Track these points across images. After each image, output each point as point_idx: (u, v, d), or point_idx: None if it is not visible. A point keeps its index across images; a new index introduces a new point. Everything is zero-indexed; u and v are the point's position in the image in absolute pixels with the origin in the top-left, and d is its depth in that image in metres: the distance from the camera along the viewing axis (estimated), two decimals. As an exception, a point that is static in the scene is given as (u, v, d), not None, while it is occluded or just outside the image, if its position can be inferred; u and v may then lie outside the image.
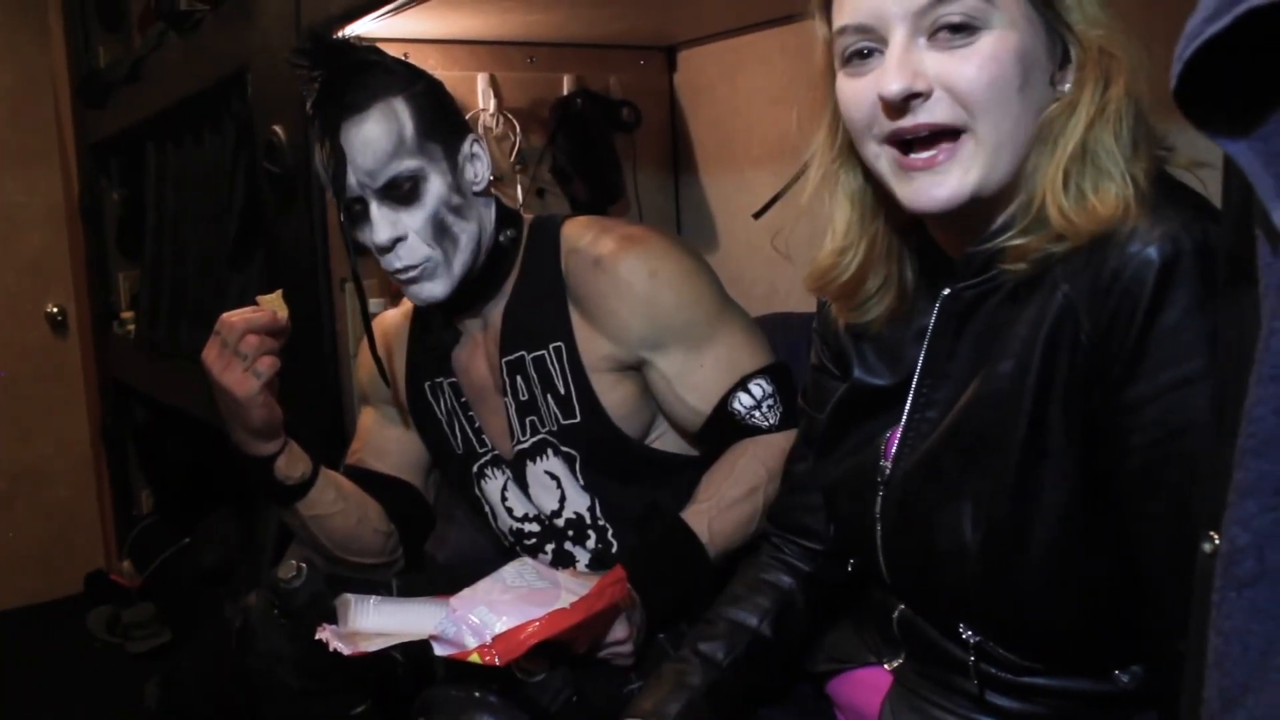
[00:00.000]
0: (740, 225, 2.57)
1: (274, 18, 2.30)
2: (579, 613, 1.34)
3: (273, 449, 1.62)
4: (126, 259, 3.99)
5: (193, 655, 3.02)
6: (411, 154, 1.54)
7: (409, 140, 1.54)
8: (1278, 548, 0.58)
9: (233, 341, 1.53)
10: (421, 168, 1.55)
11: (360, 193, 1.55)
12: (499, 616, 1.35)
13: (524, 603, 1.38)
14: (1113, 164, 0.95)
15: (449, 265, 1.59)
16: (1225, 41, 0.54)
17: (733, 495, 1.56)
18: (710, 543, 1.53)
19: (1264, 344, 0.57)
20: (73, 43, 4.02)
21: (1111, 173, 0.94)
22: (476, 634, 1.34)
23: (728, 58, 2.55)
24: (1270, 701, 0.59)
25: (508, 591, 1.41)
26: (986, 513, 1.01)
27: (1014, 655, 1.06)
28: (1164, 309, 0.88)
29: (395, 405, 1.81)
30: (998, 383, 1.00)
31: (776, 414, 1.59)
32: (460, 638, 1.35)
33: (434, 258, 1.57)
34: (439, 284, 1.59)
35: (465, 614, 1.36)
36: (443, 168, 1.58)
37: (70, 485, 4.36)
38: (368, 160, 1.53)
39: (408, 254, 1.56)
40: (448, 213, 1.57)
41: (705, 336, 1.60)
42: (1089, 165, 0.96)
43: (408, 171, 1.54)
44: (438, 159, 1.57)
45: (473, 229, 1.61)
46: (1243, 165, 0.57)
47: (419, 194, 1.56)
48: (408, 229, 1.55)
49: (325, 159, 1.55)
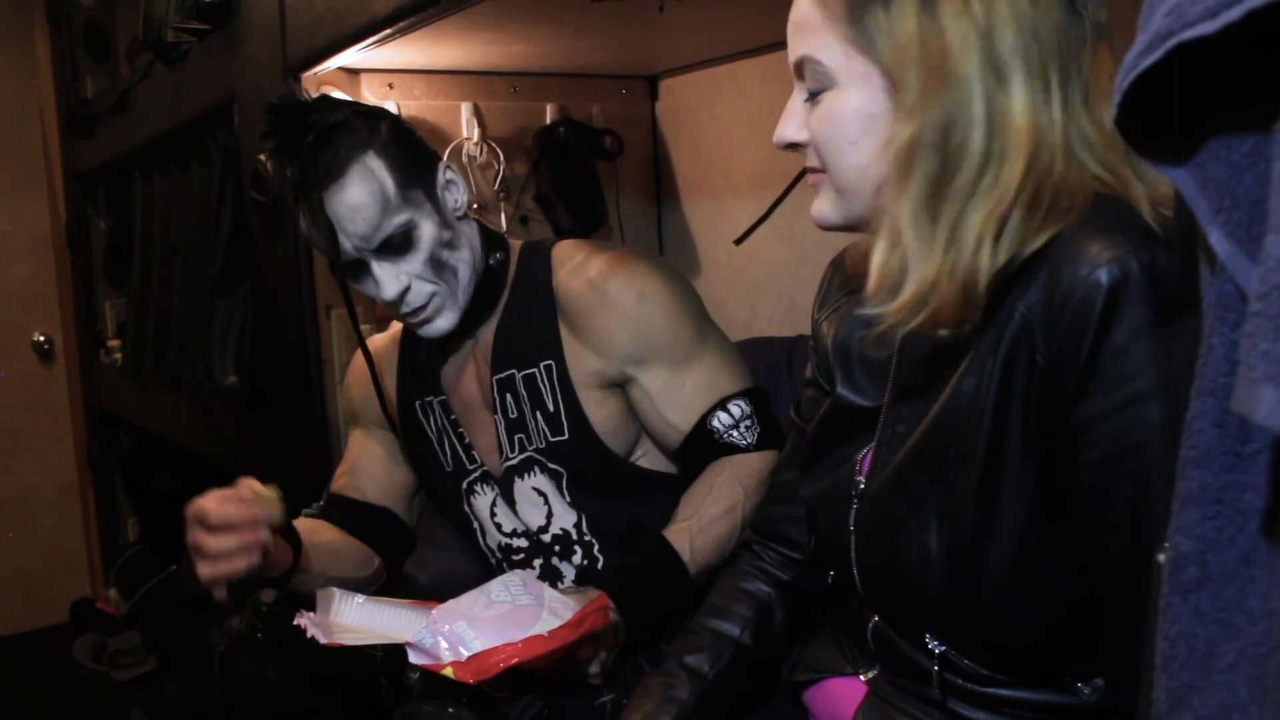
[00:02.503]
0: (721, 251, 2.61)
1: (260, 49, 2.33)
2: (554, 641, 1.35)
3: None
4: (113, 288, 4.00)
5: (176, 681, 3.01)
6: (398, 209, 1.58)
7: (392, 197, 1.57)
8: (1219, 554, 0.60)
9: (204, 545, 1.42)
10: (410, 219, 1.59)
11: (357, 255, 1.59)
12: (477, 634, 1.36)
13: (504, 622, 1.39)
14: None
15: (454, 296, 1.64)
16: (1162, 73, 0.56)
17: (712, 513, 1.58)
18: (691, 560, 1.55)
19: (1203, 359, 0.60)
20: (60, 73, 4.05)
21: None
22: (453, 649, 1.35)
23: (708, 87, 2.59)
24: (1214, 702, 0.61)
25: (490, 608, 1.42)
26: (950, 526, 1.03)
27: (978, 666, 1.08)
28: (1112, 330, 0.90)
29: (386, 427, 1.83)
30: (960, 399, 1.02)
31: (754, 434, 1.63)
32: (436, 649, 1.36)
33: (440, 291, 1.62)
34: (447, 318, 1.65)
35: (444, 626, 1.38)
36: (428, 210, 1.61)
37: (56, 513, 4.35)
38: (358, 226, 1.56)
39: (415, 297, 1.61)
40: (442, 249, 1.62)
41: (688, 357, 1.64)
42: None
43: (399, 227, 1.58)
44: (421, 203, 1.61)
45: (466, 255, 1.65)
46: (1181, 190, 0.60)
47: (413, 241, 1.60)
48: (410, 276, 1.60)
49: (312, 229, 1.59)
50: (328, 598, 1.48)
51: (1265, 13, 0.49)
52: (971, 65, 0.95)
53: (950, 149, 0.96)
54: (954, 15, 0.96)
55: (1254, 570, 0.60)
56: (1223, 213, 0.57)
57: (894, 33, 0.98)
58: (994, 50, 0.95)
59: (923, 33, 0.97)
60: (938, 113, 0.96)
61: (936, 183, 0.96)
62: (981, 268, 0.95)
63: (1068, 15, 0.97)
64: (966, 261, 0.95)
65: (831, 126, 1.05)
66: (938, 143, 0.96)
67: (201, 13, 2.55)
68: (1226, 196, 0.57)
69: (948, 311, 0.98)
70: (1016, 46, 0.95)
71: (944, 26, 0.96)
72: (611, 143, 2.61)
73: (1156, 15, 0.55)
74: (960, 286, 0.96)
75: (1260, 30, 0.50)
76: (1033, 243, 0.95)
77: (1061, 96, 0.96)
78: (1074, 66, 0.97)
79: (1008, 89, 0.95)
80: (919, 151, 0.97)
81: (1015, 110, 0.95)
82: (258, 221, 2.40)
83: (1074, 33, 0.97)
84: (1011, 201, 0.94)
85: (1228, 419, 0.59)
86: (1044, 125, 0.95)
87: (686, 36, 2.27)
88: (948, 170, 0.96)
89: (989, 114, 0.95)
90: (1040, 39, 0.95)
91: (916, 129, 0.97)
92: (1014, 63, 0.95)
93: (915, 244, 0.98)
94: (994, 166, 0.95)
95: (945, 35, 0.96)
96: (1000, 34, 0.95)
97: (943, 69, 0.96)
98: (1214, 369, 0.59)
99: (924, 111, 0.96)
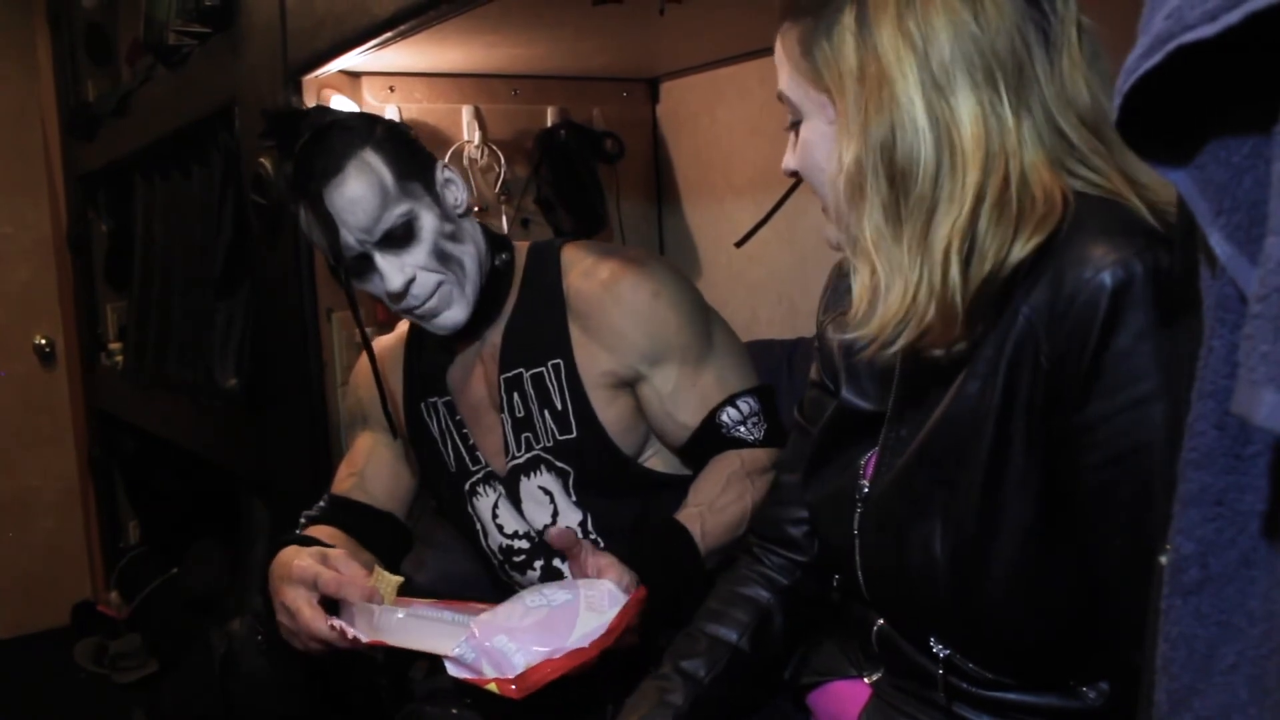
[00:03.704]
0: (722, 253, 2.61)
1: (261, 52, 2.33)
2: (595, 650, 1.34)
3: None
4: (114, 290, 4.00)
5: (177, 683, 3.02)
6: (398, 199, 1.58)
7: (391, 188, 1.58)
8: (1220, 556, 0.60)
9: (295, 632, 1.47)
10: (410, 209, 1.59)
11: (361, 249, 1.59)
12: (518, 646, 1.33)
13: (543, 630, 1.36)
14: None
15: (462, 287, 1.64)
16: (1163, 75, 0.57)
17: (722, 500, 1.58)
18: (702, 540, 1.55)
19: (1203, 361, 0.60)
20: (61, 76, 4.05)
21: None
22: (495, 665, 1.32)
23: (709, 89, 2.59)
24: (1215, 703, 0.61)
25: (528, 615, 1.39)
26: (953, 529, 1.04)
27: (982, 669, 1.08)
28: (1116, 333, 0.91)
29: (393, 429, 1.83)
30: (964, 402, 1.02)
31: (761, 430, 1.64)
32: (478, 664, 1.34)
33: (446, 280, 1.62)
34: (458, 309, 1.64)
35: (485, 642, 1.35)
36: (427, 201, 1.62)
37: (58, 516, 4.36)
38: (359, 218, 1.56)
39: (421, 289, 1.61)
40: (445, 241, 1.62)
41: (699, 357, 1.66)
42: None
43: (400, 217, 1.58)
44: (421, 195, 1.62)
45: (471, 249, 1.66)
46: (1182, 192, 0.60)
47: (415, 233, 1.60)
48: (414, 267, 1.60)
49: (314, 227, 1.59)
50: (367, 611, 1.45)
51: (1265, 15, 0.49)
52: (910, 82, 0.96)
53: (898, 166, 0.97)
54: (889, 35, 0.97)
55: (1254, 572, 0.60)
56: (1223, 215, 0.57)
57: (834, 61, 1.01)
58: (933, 64, 0.96)
59: (860, 57, 0.99)
60: (881, 132, 0.97)
61: (891, 202, 0.98)
62: (954, 282, 0.96)
63: (1024, 15, 0.97)
64: (939, 277, 0.96)
65: (806, 156, 1.10)
66: (884, 161, 0.98)
67: (203, 16, 2.55)
68: (1226, 198, 0.57)
69: (934, 331, 0.99)
70: (957, 57, 0.96)
71: (879, 48, 0.98)
72: (612, 145, 2.61)
73: (1156, 18, 0.55)
74: (939, 302, 0.97)
75: (1260, 32, 0.50)
76: (1018, 251, 0.96)
77: (1015, 100, 0.97)
78: (1035, 67, 0.97)
79: (952, 100, 0.96)
80: (867, 172, 0.99)
81: (963, 120, 0.95)
82: (258, 224, 2.41)
83: (1034, 33, 0.98)
84: (972, 211, 0.95)
85: (1228, 421, 0.59)
86: (996, 131, 0.96)
87: (687, 39, 2.27)
88: (900, 188, 0.98)
89: (934, 127, 0.96)
90: (985, 46, 0.96)
91: (860, 150, 0.99)
92: (956, 73, 0.96)
93: (885, 265, 0.99)
94: (947, 178, 0.96)
95: (881, 56, 0.98)
96: (938, 47, 0.96)
97: (881, 89, 0.98)
98: (1214, 371, 0.59)
99: (866, 133, 0.98)
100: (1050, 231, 0.95)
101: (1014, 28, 0.97)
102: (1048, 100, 0.98)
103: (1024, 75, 0.97)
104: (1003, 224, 0.95)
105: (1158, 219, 0.94)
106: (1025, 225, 0.95)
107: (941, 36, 0.96)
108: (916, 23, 0.97)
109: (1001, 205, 0.95)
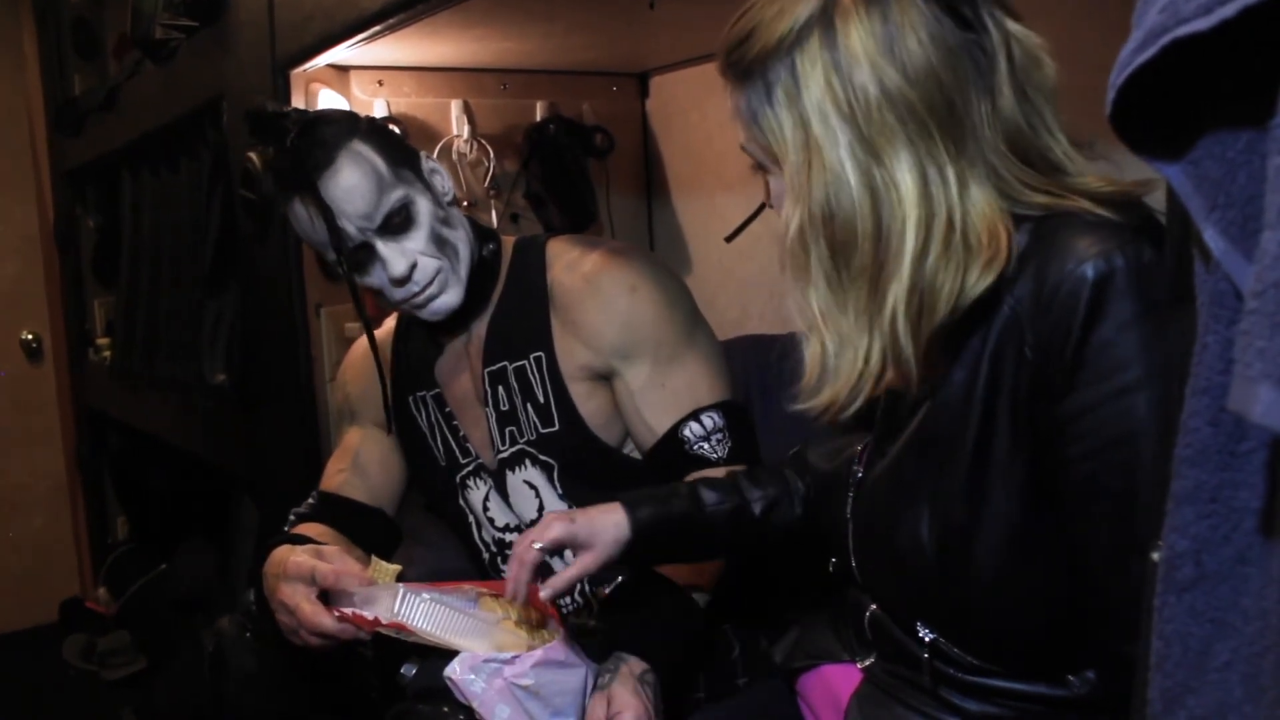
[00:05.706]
0: (713, 249, 2.61)
1: (249, 46, 2.32)
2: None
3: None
4: (102, 286, 3.99)
5: (166, 681, 3.01)
6: (393, 185, 1.59)
7: (385, 174, 1.59)
8: (1214, 553, 0.60)
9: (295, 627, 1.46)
10: (407, 194, 1.60)
11: (362, 238, 1.59)
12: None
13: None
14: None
15: (457, 272, 1.65)
16: (1156, 70, 0.56)
17: None
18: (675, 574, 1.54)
19: (1198, 357, 0.60)
20: (48, 70, 4.03)
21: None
22: (486, 706, 1.32)
23: (699, 84, 2.58)
24: (1209, 701, 0.61)
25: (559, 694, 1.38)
26: (940, 516, 1.05)
27: (967, 655, 1.09)
28: (1098, 323, 0.92)
29: (383, 423, 1.83)
30: (952, 390, 1.03)
31: (725, 448, 1.62)
32: (472, 692, 1.33)
33: (444, 267, 1.63)
34: (453, 293, 1.65)
35: (494, 683, 1.34)
36: (420, 188, 1.63)
37: (46, 513, 4.34)
38: (359, 205, 1.56)
39: (422, 274, 1.61)
40: (440, 226, 1.63)
41: (671, 357, 1.64)
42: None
43: (398, 202, 1.59)
44: (414, 181, 1.63)
45: (463, 235, 1.67)
46: (1176, 187, 0.60)
47: (413, 218, 1.61)
48: (415, 253, 1.60)
49: (310, 223, 1.59)
50: (389, 592, 1.43)
51: (1259, 9, 0.49)
52: (841, 145, 0.97)
53: (837, 236, 0.98)
54: (817, 98, 0.97)
55: (1249, 569, 0.60)
56: (1217, 210, 0.57)
57: (774, 128, 1.01)
58: (861, 125, 0.96)
59: (794, 124, 0.99)
60: (819, 200, 0.98)
61: (834, 271, 0.99)
62: (904, 342, 0.97)
63: (955, 48, 0.96)
64: (889, 340, 0.97)
65: (777, 204, 1.08)
66: (825, 230, 0.98)
67: (190, 9, 2.54)
68: (1221, 193, 0.57)
69: (894, 382, 1.01)
70: (886, 114, 0.95)
71: (807, 113, 0.98)
72: (602, 140, 2.60)
73: (1151, 12, 0.55)
74: (894, 362, 0.98)
75: (1255, 26, 0.50)
76: (970, 292, 0.96)
77: (953, 147, 0.96)
78: (972, 101, 0.97)
79: (885, 158, 0.96)
80: (809, 242, 0.99)
81: (900, 179, 0.95)
82: (247, 220, 2.40)
83: (966, 63, 0.97)
84: (915, 270, 0.95)
85: (1223, 417, 0.59)
86: (937, 182, 0.95)
87: (677, 33, 2.27)
88: (841, 256, 0.98)
89: (869, 189, 0.96)
90: (915, 96, 0.95)
91: (803, 218, 0.99)
92: (886, 132, 0.95)
93: (834, 338, 1.00)
94: (889, 240, 0.96)
95: (810, 124, 0.98)
96: (866, 108, 0.95)
97: (813, 156, 0.98)
98: (1209, 367, 0.59)
99: (807, 202, 0.99)
100: (999, 271, 0.96)
101: (944, 68, 0.96)
102: (985, 137, 0.97)
103: (957, 116, 0.96)
104: (951, 270, 0.96)
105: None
106: (974, 265, 0.96)
107: (868, 93, 0.95)
108: (843, 83, 0.96)
109: (948, 254, 0.96)
